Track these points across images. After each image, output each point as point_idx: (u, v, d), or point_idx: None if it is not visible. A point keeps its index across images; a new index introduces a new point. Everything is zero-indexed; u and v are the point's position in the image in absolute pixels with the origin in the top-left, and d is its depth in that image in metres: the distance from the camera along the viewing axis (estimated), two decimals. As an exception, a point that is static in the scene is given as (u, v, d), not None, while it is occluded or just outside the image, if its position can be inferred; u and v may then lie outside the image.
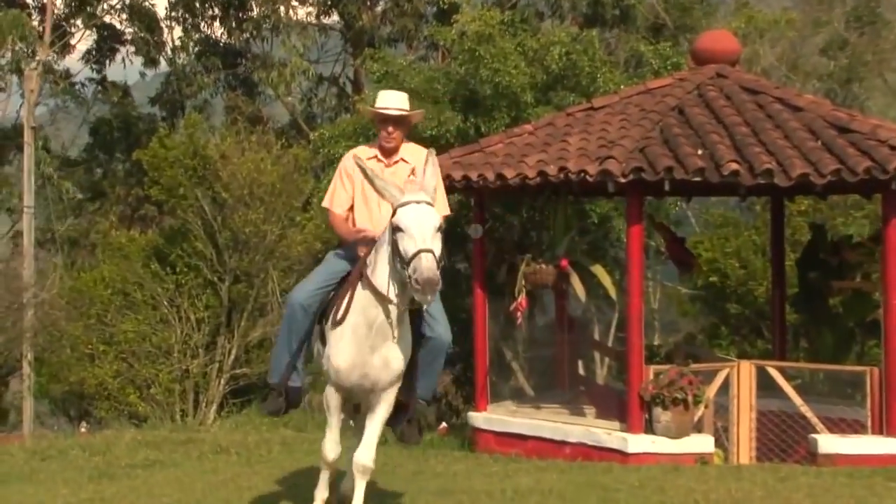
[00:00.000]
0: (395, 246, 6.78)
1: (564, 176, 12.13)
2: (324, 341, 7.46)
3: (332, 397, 7.48)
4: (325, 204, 7.98)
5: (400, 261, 6.73)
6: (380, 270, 7.00)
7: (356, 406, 7.94)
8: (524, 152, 12.91)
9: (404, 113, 7.78)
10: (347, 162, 7.84)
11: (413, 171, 7.52)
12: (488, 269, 14.45)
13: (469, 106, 20.76)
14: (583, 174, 11.95)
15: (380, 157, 7.80)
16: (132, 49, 32.88)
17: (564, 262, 12.75)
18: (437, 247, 6.68)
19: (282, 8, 29.59)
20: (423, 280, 6.50)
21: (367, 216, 7.68)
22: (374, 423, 7.47)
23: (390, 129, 7.73)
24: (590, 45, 20.94)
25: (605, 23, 26.82)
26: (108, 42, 33.13)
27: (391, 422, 7.62)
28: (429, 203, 6.85)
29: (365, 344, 7.13)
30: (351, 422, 8.15)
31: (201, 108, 31.61)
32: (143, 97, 34.31)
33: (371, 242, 7.30)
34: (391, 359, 7.18)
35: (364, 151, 7.86)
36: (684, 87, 13.49)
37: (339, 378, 7.29)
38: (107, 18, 32.78)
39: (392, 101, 7.80)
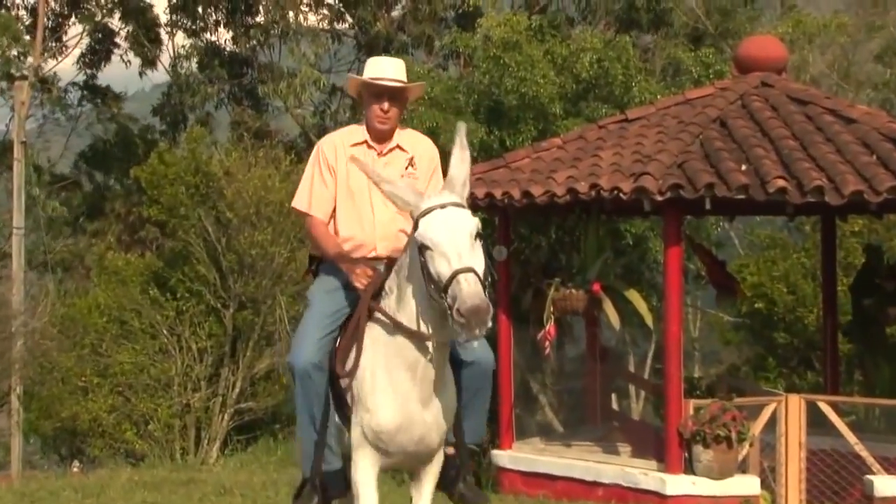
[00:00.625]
0: (424, 269, 5.58)
1: (596, 193, 12.11)
2: (339, 406, 6.25)
3: (365, 470, 6.10)
4: (298, 205, 6.57)
5: (434, 287, 5.53)
6: (405, 302, 5.85)
7: None
8: (552, 168, 12.91)
9: (403, 84, 6.50)
10: (327, 147, 6.54)
11: (412, 162, 6.41)
12: (514, 295, 14.43)
13: (493, 117, 20.77)
14: (616, 192, 11.93)
15: (370, 142, 6.49)
16: (129, 51, 33.03)
17: (596, 287, 12.71)
18: (479, 261, 5.50)
19: (291, 13, 29.71)
20: (468, 310, 5.29)
21: (356, 219, 6.42)
22: (426, 489, 6.28)
23: (385, 105, 6.39)
24: (624, 52, 20.93)
25: (640, 27, 26.83)
26: (102, 44, 33.28)
27: (441, 484, 6.38)
28: (457, 204, 5.65)
29: (412, 396, 5.92)
30: None
31: (204, 122, 31.73)
32: (142, 109, 34.48)
33: (370, 273, 6.16)
34: (443, 410, 6.04)
35: (348, 136, 6.57)
36: (726, 97, 13.47)
37: (380, 442, 6.01)
38: (100, 18, 32.86)
39: (387, 69, 6.48)
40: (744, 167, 11.86)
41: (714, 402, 12.17)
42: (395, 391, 5.91)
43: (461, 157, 5.80)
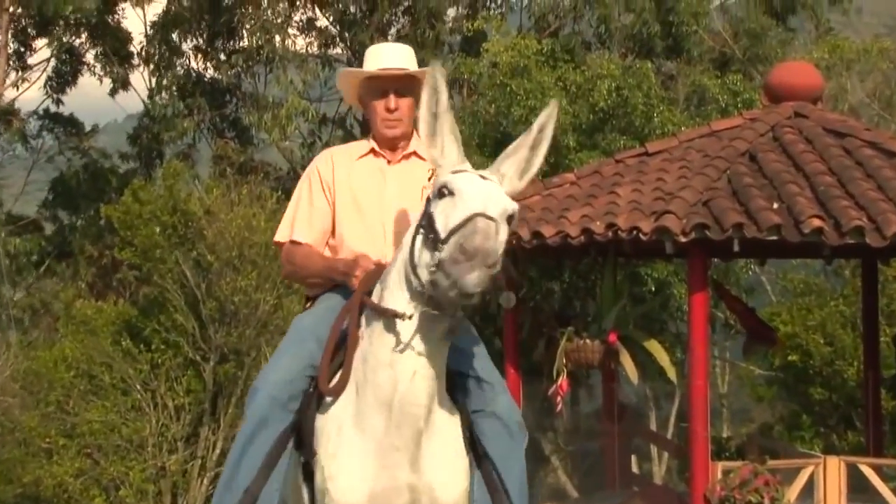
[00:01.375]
0: (427, 223, 4.80)
1: (613, 234, 12.12)
2: (306, 475, 5.26)
3: None
4: (279, 238, 5.82)
5: (433, 240, 4.70)
6: (391, 291, 5.03)
7: None
8: (565, 206, 12.92)
9: (411, 72, 5.66)
10: (321, 162, 5.77)
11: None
12: (523, 345, 14.41)
13: (500, 150, 20.74)
14: (635, 232, 11.93)
15: (377, 149, 5.75)
16: (98, 70, 33.06)
17: (613, 337, 12.70)
18: (502, 239, 4.78)
19: (277, 38, 29.81)
20: (475, 247, 4.51)
21: (363, 234, 5.63)
22: None
23: (392, 102, 5.62)
24: (644, 79, 21.01)
25: (660, 53, 26.90)
26: (70, 64, 33.29)
27: None
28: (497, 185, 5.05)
29: (387, 447, 4.95)
30: None
31: (185, 155, 31.76)
32: (113, 142, 34.54)
33: (371, 267, 5.34)
34: (440, 475, 5.03)
35: (350, 148, 5.88)
36: (756, 129, 13.49)
37: None
38: (67, 37, 32.93)
39: (390, 58, 5.67)
40: (776, 205, 11.87)
41: (745, 464, 12.14)
42: (365, 448, 4.98)
43: (527, 140, 5.32)
